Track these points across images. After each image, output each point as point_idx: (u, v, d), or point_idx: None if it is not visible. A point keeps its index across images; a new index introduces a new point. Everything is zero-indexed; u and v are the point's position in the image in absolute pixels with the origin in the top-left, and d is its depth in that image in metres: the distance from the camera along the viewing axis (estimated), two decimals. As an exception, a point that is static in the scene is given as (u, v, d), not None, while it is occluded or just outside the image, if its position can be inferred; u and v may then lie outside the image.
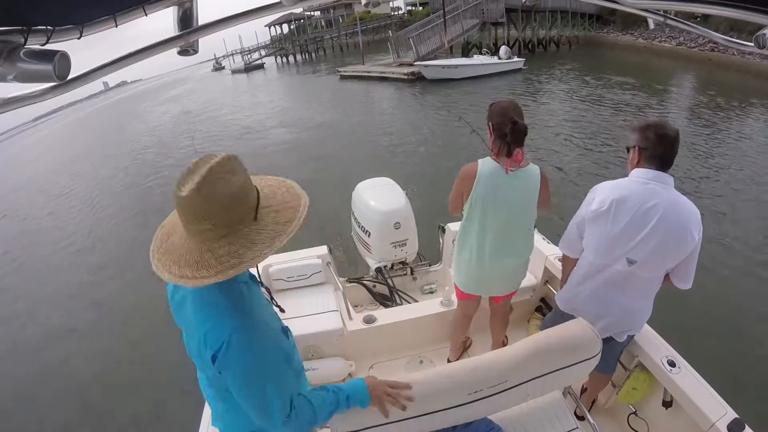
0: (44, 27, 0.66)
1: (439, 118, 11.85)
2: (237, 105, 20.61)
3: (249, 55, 50.30)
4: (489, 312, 2.23)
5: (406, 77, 18.50)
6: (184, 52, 0.95)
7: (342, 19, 45.92)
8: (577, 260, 1.69)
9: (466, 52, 21.58)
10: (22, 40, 0.63)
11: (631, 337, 1.70)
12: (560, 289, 1.83)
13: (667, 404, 1.69)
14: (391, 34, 24.59)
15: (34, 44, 0.65)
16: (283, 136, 12.35)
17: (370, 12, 41.13)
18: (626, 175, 1.55)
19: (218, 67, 56.13)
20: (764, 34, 0.82)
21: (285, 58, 44.65)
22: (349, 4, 42.77)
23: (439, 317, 2.32)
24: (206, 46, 1.00)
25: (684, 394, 1.55)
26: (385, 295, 2.82)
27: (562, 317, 1.68)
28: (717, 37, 1.06)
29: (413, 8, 47.35)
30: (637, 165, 1.50)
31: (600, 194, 1.53)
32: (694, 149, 7.41)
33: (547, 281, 2.46)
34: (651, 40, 20.83)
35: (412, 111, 13.55)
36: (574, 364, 1.34)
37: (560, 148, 8.37)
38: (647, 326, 1.75)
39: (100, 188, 10.88)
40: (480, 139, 2.27)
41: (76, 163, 15.13)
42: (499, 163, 1.73)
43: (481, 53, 19.41)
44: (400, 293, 2.77)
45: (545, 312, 2.53)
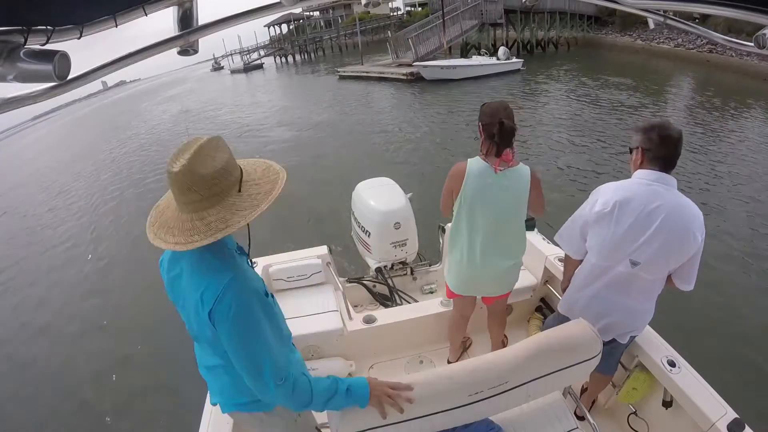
0: (44, 27, 0.66)
1: (438, 118, 11.85)
2: (236, 104, 20.59)
3: (248, 55, 50.17)
4: (487, 312, 2.23)
5: (404, 77, 18.52)
6: (184, 52, 0.95)
7: (341, 19, 45.94)
8: (579, 262, 1.68)
9: (464, 53, 21.61)
10: (22, 40, 0.62)
11: (632, 338, 1.69)
12: (561, 290, 1.82)
13: (667, 404, 1.69)
14: (390, 35, 24.63)
15: (34, 44, 0.65)
16: (283, 136, 12.35)
17: (369, 12, 40.98)
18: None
19: (217, 67, 56.02)
20: (764, 34, 0.82)
21: (284, 59, 44.66)
22: (348, 5, 42.80)
23: (439, 317, 2.31)
24: (205, 46, 1.00)
25: (684, 394, 1.55)
26: (385, 295, 2.82)
27: (564, 321, 1.67)
28: (717, 37, 1.06)
29: (412, 9, 47.43)
30: (641, 166, 1.49)
31: (603, 195, 1.51)
32: (693, 149, 7.42)
33: (547, 281, 2.45)
34: (649, 41, 20.88)
35: (411, 111, 13.54)
36: (574, 365, 1.34)
37: (558, 147, 8.38)
38: (647, 326, 1.75)
39: (99, 186, 10.88)
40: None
41: (75, 161, 15.12)
42: (488, 162, 1.73)
43: (480, 54, 19.42)
44: (400, 293, 2.77)
45: (545, 312, 2.53)
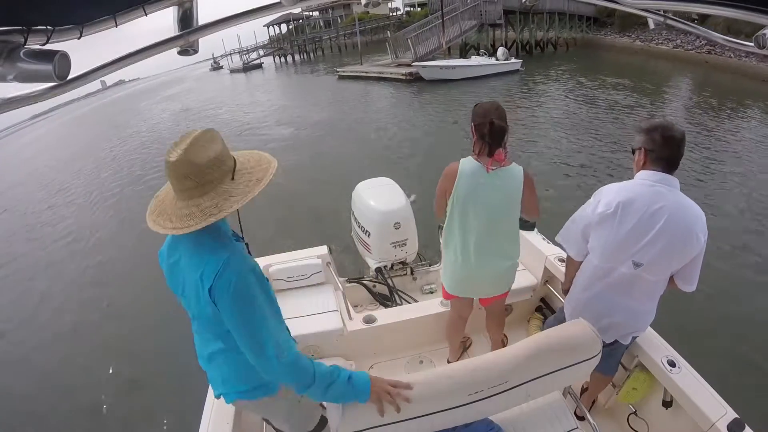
0: (44, 27, 0.65)
1: (437, 118, 11.86)
2: (235, 104, 20.56)
3: (247, 55, 50.11)
4: (485, 313, 2.22)
5: (404, 77, 18.52)
6: (184, 52, 0.95)
7: (340, 19, 45.94)
8: (581, 262, 1.68)
9: (463, 53, 21.63)
10: (22, 40, 0.62)
11: (634, 339, 1.69)
12: (563, 291, 1.82)
13: (667, 404, 1.69)
14: (390, 35, 24.62)
15: (34, 44, 0.65)
16: (282, 134, 12.35)
17: (368, 12, 41.12)
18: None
19: (216, 67, 55.92)
20: (764, 34, 0.82)
21: (283, 58, 44.61)
22: (347, 5, 42.83)
23: (439, 317, 2.31)
24: (204, 45, 1.00)
25: (684, 394, 1.55)
26: (385, 295, 2.81)
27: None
28: (717, 37, 1.06)
29: (412, 9, 47.44)
30: (643, 167, 1.48)
31: (606, 196, 1.50)
32: (692, 149, 7.44)
33: (547, 281, 2.45)
34: (648, 42, 20.90)
35: (410, 110, 13.55)
36: (574, 365, 1.34)
37: (556, 147, 8.38)
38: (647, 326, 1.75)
39: (99, 183, 10.89)
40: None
41: (75, 159, 15.09)
42: (480, 162, 1.73)
43: (479, 54, 19.41)
44: (400, 293, 2.76)
45: (545, 312, 2.53)
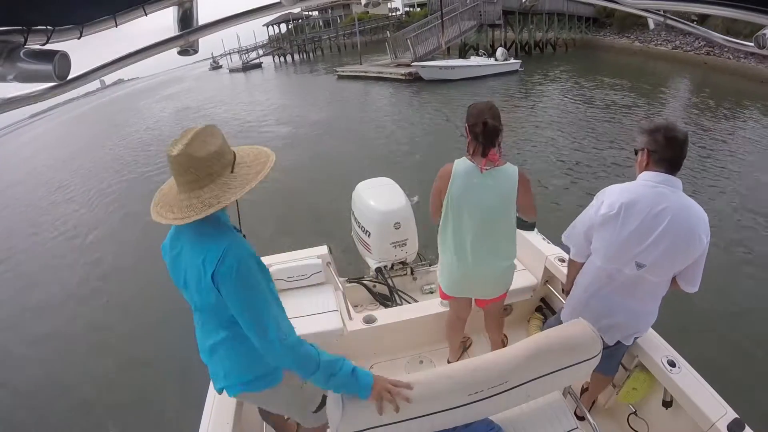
0: (44, 27, 0.65)
1: (436, 118, 11.86)
2: (235, 103, 20.56)
3: (247, 55, 50.09)
4: (484, 315, 2.21)
5: (403, 77, 18.51)
6: (184, 52, 0.95)
7: (340, 19, 45.93)
8: (583, 264, 1.67)
9: (463, 54, 21.61)
10: (22, 40, 0.62)
11: (635, 339, 1.69)
12: (564, 292, 1.81)
13: (667, 404, 1.69)
14: (389, 35, 24.57)
15: (34, 44, 0.65)
16: (281, 134, 12.35)
17: (368, 13, 41.05)
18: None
19: (215, 66, 55.85)
20: (764, 34, 0.82)
21: (283, 58, 44.59)
22: (347, 5, 42.79)
23: (439, 317, 2.31)
24: (204, 44, 1.00)
25: (684, 394, 1.55)
26: (385, 295, 2.81)
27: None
28: (717, 37, 1.06)
29: (411, 9, 47.41)
30: (646, 168, 1.48)
31: (609, 198, 1.50)
32: (692, 150, 7.45)
33: (547, 281, 2.45)
34: (647, 43, 20.92)
35: (409, 110, 13.55)
36: (574, 365, 1.34)
37: (554, 147, 8.38)
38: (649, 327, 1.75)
39: (99, 181, 10.89)
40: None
41: (74, 158, 15.09)
42: (474, 162, 1.73)
43: (478, 55, 19.42)
44: (400, 293, 2.76)
45: (545, 312, 2.53)
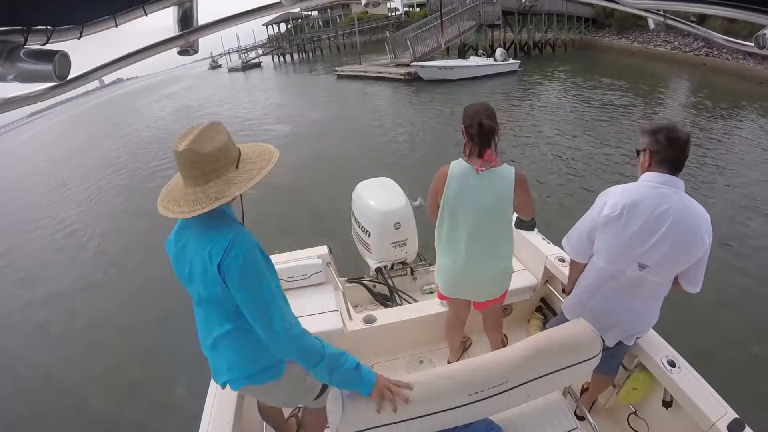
0: (44, 27, 0.65)
1: (435, 118, 11.86)
2: (234, 102, 20.56)
3: (246, 54, 50.07)
4: (482, 317, 2.21)
5: (402, 77, 18.52)
6: (184, 52, 0.95)
7: (339, 19, 45.95)
8: (585, 265, 1.67)
9: (462, 54, 21.60)
10: (22, 40, 0.62)
11: (636, 340, 1.69)
12: (565, 294, 1.81)
13: (667, 404, 1.69)
14: (389, 35, 24.59)
15: (34, 44, 0.64)
16: (281, 133, 12.35)
17: (367, 12, 41.10)
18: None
19: (215, 66, 55.84)
20: (764, 34, 0.82)
21: (282, 57, 44.62)
22: (346, 5, 42.83)
23: (439, 317, 2.31)
24: (203, 44, 1.00)
25: (684, 394, 1.55)
26: (385, 295, 2.81)
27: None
28: (717, 37, 1.06)
29: (410, 9, 47.44)
30: (648, 168, 1.47)
31: (611, 199, 1.50)
32: (692, 150, 7.45)
33: (547, 281, 2.45)
34: (646, 44, 20.95)
35: (408, 110, 13.55)
36: (574, 365, 1.34)
37: (553, 146, 8.39)
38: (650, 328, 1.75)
39: (98, 179, 10.89)
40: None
41: (73, 156, 15.08)
42: (470, 163, 1.73)
43: (477, 55, 19.42)
44: (400, 293, 2.76)
45: (545, 312, 2.53)
